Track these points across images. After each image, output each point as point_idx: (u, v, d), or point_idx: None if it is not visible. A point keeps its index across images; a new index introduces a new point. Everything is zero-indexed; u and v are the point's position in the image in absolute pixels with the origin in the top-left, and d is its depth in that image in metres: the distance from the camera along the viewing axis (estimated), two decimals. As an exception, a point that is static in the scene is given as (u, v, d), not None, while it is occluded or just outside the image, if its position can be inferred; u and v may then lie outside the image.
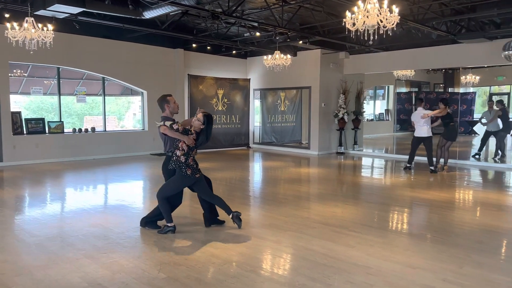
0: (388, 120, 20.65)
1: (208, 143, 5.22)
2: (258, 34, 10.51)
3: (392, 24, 6.00)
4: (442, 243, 4.75)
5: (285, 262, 4.26)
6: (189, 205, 6.42)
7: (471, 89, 20.35)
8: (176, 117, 5.33)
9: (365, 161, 12.39)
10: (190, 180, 4.90)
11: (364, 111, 13.98)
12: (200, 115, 4.89)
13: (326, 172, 10.36)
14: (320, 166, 11.25)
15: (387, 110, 20.85)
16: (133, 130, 13.24)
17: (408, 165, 10.00)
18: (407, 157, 10.27)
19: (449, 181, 8.84)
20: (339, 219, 5.72)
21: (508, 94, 20.64)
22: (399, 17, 5.99)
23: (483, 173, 10.23)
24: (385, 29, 6.05)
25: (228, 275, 3.79)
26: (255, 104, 15.34)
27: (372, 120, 20.03)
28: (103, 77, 11.95)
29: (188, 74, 13.41)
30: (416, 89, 21.21)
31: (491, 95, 21.14)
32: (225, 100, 14.34)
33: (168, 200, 4.95)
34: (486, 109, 12.31)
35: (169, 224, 4.94)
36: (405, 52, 12.08)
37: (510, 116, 14.76)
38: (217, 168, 10.54)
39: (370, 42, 6.34)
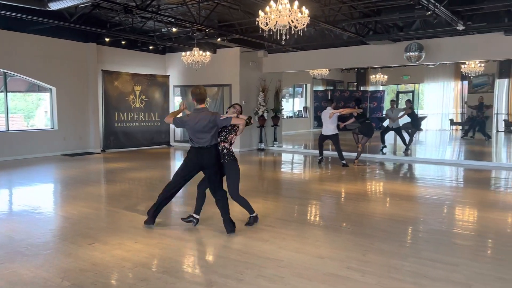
0: (307, 117, 21.49)
1: (124, 142, 5.04)
2: (174, 30, 10.32)
3: (303, 25, 6.21)
4: (350, 233, 5.04)
5: (198, 261, 4.23)
6: (96, 208, 6.13)
7: (381, 88, 21.89)
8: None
9: (285, 157, 12.74)
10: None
11: (282, 109, 14.36)
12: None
13: (247, 168, 10.47)
14: (241, 163, 11.21)
15: (305, 108, 21.67)
16: (42, 129, 12.31)
17: (320, 157, 10.56)
18: (328, 152, 10.87)
19: (360, 174, 9.41)
20: (255, 214, 5.82)
21: (413, 92, 22.50)
22: (309, 18, 6.21)
23: (390, 166, 11.03)
24: (296, 29, 6.25)
25: (138, 278, 3.68)
26: (176, 101, 15.05)
27: (291, 117, 20.69)
28: (4, 72, 10.95)
29: (102, 70, 12.78)
30: (332, 88, 22.32)
31: (398, 93, 22.91)
32: (143, 97, 13.88)
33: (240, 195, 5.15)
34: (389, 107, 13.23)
35: (253, 215, 5.24)
36: (320, 52, 12.61)
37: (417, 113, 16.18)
38: (135, 168, 10.19)
39: (282, 42, 6.51)
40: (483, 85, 19.42)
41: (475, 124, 16.73)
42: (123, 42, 12.23)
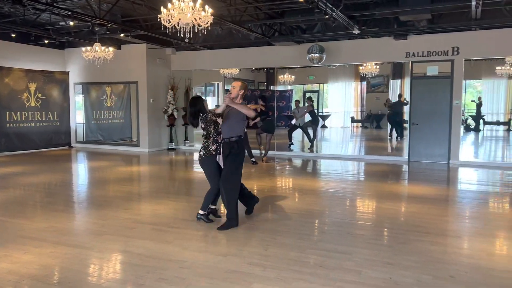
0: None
1: (17, 144, 4.59)
2: (72, 23, 9.66)
3: (207, 23, 6.20)
4: (254, 229, 5.14)
5: (94, 269, 4.01)
6: (-14, 218, 5.52)
7: (289, 87, 22.72)
8: None
9: (197, 156, 12.61)
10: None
11: (192, 107, 14.19)
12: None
13: (157, 169, 10.21)
14: (151, 163, 11.03)
15: (217, 106, 21.66)
16: None
17: (253, 159, 10.62)
18: None
19: (269, 171, 9.67)
20: (160, 216, 5.68)
21: (318, 91, 23.68)
22: (213, 17, 6.21)
23: (298, 162, 11.51)
24: (200, 28, 6.22)
25: (25, 293, 3.38)
26: (77, 100, 14.13)
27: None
28: None
29: (-11, 65, 11.55)
30: (243, 87, 22.63)
31: (305, 92, 23.96)
32: (39, 95, 12.79)
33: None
34: (301, 106, 13.81)
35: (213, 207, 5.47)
36: (228, 51, 12.70)
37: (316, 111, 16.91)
38: (32, 172, 9.36)
39: (186, 40, 6.43)
40: (379, 85, 21.09)
41: (393, 124, 16.88)
42: (13, 35, 11.15)
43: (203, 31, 6.29)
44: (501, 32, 9.58)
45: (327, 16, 7.89)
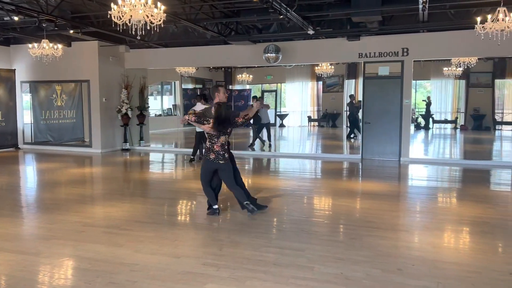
0: (177, 115, 21.24)
1: None
2: (16, 18, 9.18)
3: (159, 21, 6.08)
4: (209, 229, 5.11)
5: (40, 275, 3.83)
6: None
7: (247, 86, 22.79)
8: None
9: (152, 157, 12.40)
10: (212, 164, 5.36)
11: (148, 106, 13.92)
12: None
13: (110, 170, 9.91)
14: (104, 164, 10.70)
15: (174, 105, 21.40)
16: None
17: (192, 157, 10.48)
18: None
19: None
20: (113, 219, 5.52)
21: (276, 91, 23.89)
22: (165, 14, 6.11)
23: (257, 161, 11.54)
24: (152, 25, 6.09)
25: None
26: (24, 99, 13.46)
27: (160, 115, 20.23)
28: None
29: None
30: (201, 86, 22.46)
31: (263, 92, 24.10)
32: (-18, 94, 12.10)
33: (210, 184, 5.53)
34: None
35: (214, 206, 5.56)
36: (185, 49, 12.54)
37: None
38: (-28, 175, 8.82)
39: (138, 37, 6.29)
40: (334, 85, 21.58)
41: (352, 123, 16.86)
42: (-50, 30, 10.46)
43: (155, 29, 6.17)
44: (447, 34, 10.06)
45: (281, 16, 7.96)
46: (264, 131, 13.40)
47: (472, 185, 8.06)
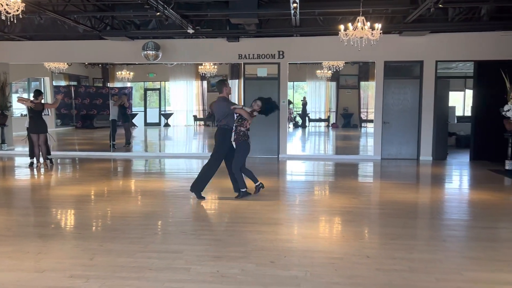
0: (48, 114, 19.34)
1: None
2: None
3: (17, 11, 5.45)
4: (79, 239, 4.74)
5: None
6: None
7: (129, 84, 21.83)
8: None
9: (19, 161, 11.10)
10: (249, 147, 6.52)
11: (10, 105, 12.43)
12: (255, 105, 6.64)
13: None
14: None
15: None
16: None
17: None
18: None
19: (103, 174, 9.06)
20: (-39, 235, 4.79)
21: (159, 89, 23.33)
22: (24, 4, 5.50)
23: (140, 162, 11.07)
24: (8, 15, 5.44)
25: None
26: None
27: (26, 115, 18.18)
28: None
29: None
30: (75, 83, 20.84)
31: (145, 90, 23.34)
32: None
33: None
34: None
35: (244, 189, 6.44)
36: (54, 43, 11.47)
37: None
38: None
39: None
40: (218, 85, 21.78)
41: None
42: None
43: (12, 19, 5.51)
44: (318, 39, 10.84)
45: (158, 13, 7.76)
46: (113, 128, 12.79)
47: (341, 178, 8.85)
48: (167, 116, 21.87)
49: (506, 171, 8.85)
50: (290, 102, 16.56)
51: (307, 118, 21.18)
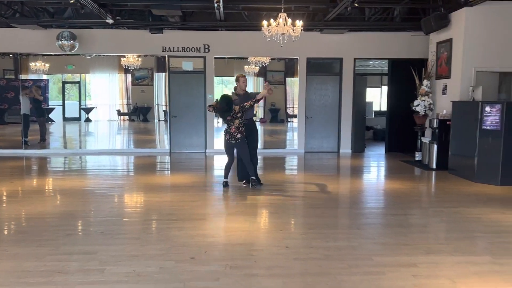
0: None
1: None
2: None
3: None
4: (-20, 244, 4.32)
5: None
6: None
7: (44, 76, 20.33)
8: None
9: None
10: (228, 143, 6.79)
11: None
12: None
13: None
14: None
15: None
16: None
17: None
18: None
19: (9, 172, 8.37)
20: None
21: (79, 82, 22.07)
22: None
23: (59, 160, 10.37)
24: None
25: None
26: None
27: None
28: None
29: None
30: (-19, 75, 18.99)
31: (64, 83, 21.96)
32: None
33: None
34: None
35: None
36: (-48, 29, 10.33)
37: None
38: None
39: None
40: (144, 78, 21.15)
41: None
42: None
43: None
44: (243, 34, 10.88)
45: (72, 1, 7.28)
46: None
47: (267, 171, 8.96)
48: (88, 110, 20.76)
49: (415, 162, 9.59)
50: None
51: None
